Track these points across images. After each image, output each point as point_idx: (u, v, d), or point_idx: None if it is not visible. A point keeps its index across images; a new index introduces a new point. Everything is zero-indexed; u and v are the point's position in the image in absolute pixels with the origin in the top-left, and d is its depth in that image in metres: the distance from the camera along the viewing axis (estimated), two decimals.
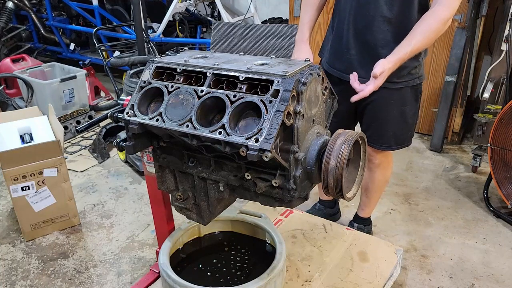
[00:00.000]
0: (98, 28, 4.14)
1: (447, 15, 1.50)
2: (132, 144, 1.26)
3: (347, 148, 1.06)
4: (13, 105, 3.51)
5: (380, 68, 1.49)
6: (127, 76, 2.75)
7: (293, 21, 3.71)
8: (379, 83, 1.51)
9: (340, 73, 1.77)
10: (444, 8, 1.50)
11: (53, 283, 1.99)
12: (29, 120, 2.46)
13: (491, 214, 2.46)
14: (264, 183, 1.11)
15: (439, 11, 1.50)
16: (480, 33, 2.97)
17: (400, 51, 1.52)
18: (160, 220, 1.68)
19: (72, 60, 5.02)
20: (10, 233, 2.35)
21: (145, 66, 1.27)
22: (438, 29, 1.51)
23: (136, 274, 2.03)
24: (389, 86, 1.68)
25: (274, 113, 1.01)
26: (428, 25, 1.51)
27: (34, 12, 4.94)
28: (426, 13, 1.53)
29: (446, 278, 2.00)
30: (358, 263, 1.70)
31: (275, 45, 2.59)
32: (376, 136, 1.84)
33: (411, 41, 1.51)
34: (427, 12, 1.53)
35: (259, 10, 4.87)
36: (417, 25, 1.53)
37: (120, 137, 1.41)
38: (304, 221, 1.96)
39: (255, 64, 1.14)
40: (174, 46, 4.11)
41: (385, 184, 2.09)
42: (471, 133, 3.45)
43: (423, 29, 1.51)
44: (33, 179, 2.18)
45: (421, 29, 1.51)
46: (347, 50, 1.72)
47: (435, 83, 3.29)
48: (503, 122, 2.34)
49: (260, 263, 1.54)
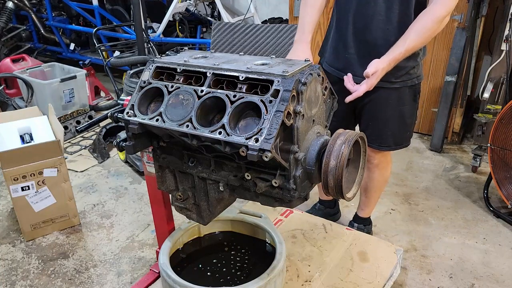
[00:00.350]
0: (98, 28, 4.14)
1: (442, 13, 1.49)
2: (132, 144, 1.26)
3: (347, 148, 1.06)
4: (13, 105, 3.51)
5: (373, 68, 1.49)
6: (127, 76, 2.75)
7: (293, 21, 3.71)
8: (372, 83, 1.51)
9: (338, 72, 1.77)
10: (439, 6, 1.49)
11: (53, 283, 1.99)
12: (29, 120, 2.46)
13: (491, 214, 2.46)
14: (264, 183, 1.11)
15: (434, 10, 1.50)
16: (480, 33, 2.97)
17: (395, 51, 1.52)
18: (160, 220, 1.68)
19: (72, 60, 5.02)
20: (10, 233, 2.35)
21: (145, 66, 1.27)
22: (433, 28, 1.51)
23: (136, 274, 2.03)
24: (387, 86, 1.68)
25: (274, 113, 1.01)
26: (423, 24, 1.50)
27: (34, 12, 4.94)
28: (422, 11, 1.53)
29: (446, 278, 2.00)
30: (358, 263, 1.70)
31: (275, 45, 2.59)
32: (375, 136, 1.84)
33: (405, 41, 1.51)
34: (423, 11, 1.53)
35: (259, 10, 4.87)
36: (413, 24, 1.53)
37: (120, 137, 1.41)
38: (304, 221, 1.96)
39: (255, 64, 1.14)
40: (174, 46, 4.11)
41: (384, 184, 2.09)
42: (471, 133, 3.45)
43: (418, 28, 1.51)
44: (33, 179, 2.18)
45: (416, 28, 1.51)
46: (346, 49, 1.72)
47: (435, 83, 3.29)
48: (503, 122, 2.34)
49: (260, 263, 1.54)
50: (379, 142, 1.86)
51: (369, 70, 1.48)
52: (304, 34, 1.69)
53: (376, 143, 1.86)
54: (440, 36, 3.09)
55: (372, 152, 1.91)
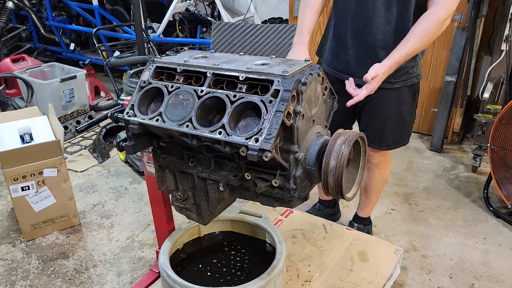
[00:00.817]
0: (98, 28, 4.14)
1: (443, 16, 1.49)
2: (132, 144, 1.26)
3: (347, 148, 1.06)
4: (13, 105, 3.51)
5: (374, 72, 1.48)
6: (127, 76, 2.75)
7: (293, 21, 3.71)
8: (373, 88, 1.51)
9: (338, 73, 1.77)
10: (440, 9, 1.49)
11: (53, 283, 1.99)
12: (29, 120, 2.46)
13: (491, 214, 2.46)
14: (264, 183, 1.11)
15: (435, 12, 1.50)
16: (480, 33, 2.97)
17: (396, 55, 1.51)
18: (160, 220, 1.68)
19: (72, 60, 5.02)
20: (10, 233, 2.35)
21: (145, 66, 1.27)
22: (434, 31, 1.50)
23: (136, 274, 2.03)
24: (387, 86, 1.68)
25: (274, 113, 1.01)
26: (424, 27, 1.50)
27: (34, 12, 4.94)
28: (423, 14, 1.53)
29: (446, 278, 2.00)
30: (358, 263, 1.70)
31: (275, 45, 2.59)
32: (374, 135, 1.84)
33: (406, 44, 1.50)
34: (424, 14, 1.52)
35: (259, 10, 4.87)
36: (414, 27, 1.52)
37: (120, 137, 1.40)
38: (304, 221, 1.96)
39: (255, 64, 1.14)
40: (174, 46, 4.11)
41: (384, 184, 2.09)
42: (471, 133, 3.45)
43: (419, 31, 1.50)
44: (33, 179, 2.18)
45: (417, 31, 1.51)
46: (345, 51, 1.72)
47: (435, 83, 3.29)
48: (503, 122, 2.34)
49: (260, 263, 1.54)
50: (379, 141, 1.86)
51: (369, 74, 1.48)
52: (302, 36, 1.68)
53: (376, 142, 1.86)
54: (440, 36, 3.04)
55: (371, 152, 1.92)
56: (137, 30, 3.35)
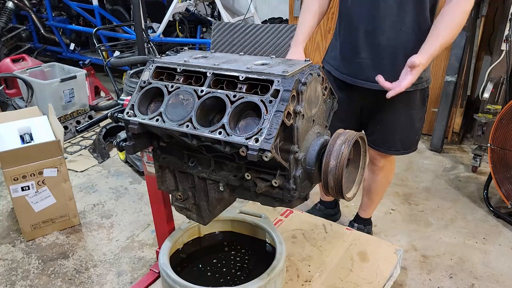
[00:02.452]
0: (98, 28, 4.13)
1: (469, 7, 1.47)
2: (132, 144, 1.26)
3: (347, 148, 1.06)
4: (13, 105, 3.51)
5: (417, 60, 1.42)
6: (127, 76, 2.75)
7: (293, 21, 3.71)
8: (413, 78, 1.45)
9: (351, 78, 1.72)
10: (465, 0, 1.47)
11: (53, 283, 1.99)
12: (29, 120, 2.46)
13: (491, 214, 2.46)
14: (264, 183, 1.11)
15: (460, 4, 1.46)
16: (480, 33, 2.97)
17: (430, 48, 1.46)
18: (160, 220, 1.68)
19: (72, 60, 5.02)
20: (10, 233, 2.35)
21: (145, 66, 1.27)
22: (461, 22, 1.47)
23: (136, 274, 2.03)
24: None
25: (274, 113, 1.00)
26: (453, 19, 1.47)
27: (34, 12, 4.94)
28: (446, 7, 1.49)
29: (446, 278, 2.00)
30: (358, 263, 1.70)
31: (275, 45, 2.59)
32: (382, 140, 1.82)
33: (438, 36, 1.46)
34: (447, 6, 1.49)
35: (259, 10, 4.87)
36: (440, 19, 1.48)
37: (120, 137, 1.41)
38: (304, 221, 1.96)
39: (255, 64, 1.14)
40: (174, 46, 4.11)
41: (387, 186, 2.09)
42: (471, 133, 3.45)
43: (447, 23, 1.47)
44: (33, 179, 2.18)
45: (446, 24, 1.47)
46: (357, 54, 1.67)
47: (435, 83, 3.29)
48: (503, 122, 2.34)
49: (260, 263, 1.54)
50: (388, 146, 1.84)
51: (415, 59, 1.41)
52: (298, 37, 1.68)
53: (384, 147, 1.84)
54: None
55: (378, 156, 1.90)
56: (137, 30, 3.35)
